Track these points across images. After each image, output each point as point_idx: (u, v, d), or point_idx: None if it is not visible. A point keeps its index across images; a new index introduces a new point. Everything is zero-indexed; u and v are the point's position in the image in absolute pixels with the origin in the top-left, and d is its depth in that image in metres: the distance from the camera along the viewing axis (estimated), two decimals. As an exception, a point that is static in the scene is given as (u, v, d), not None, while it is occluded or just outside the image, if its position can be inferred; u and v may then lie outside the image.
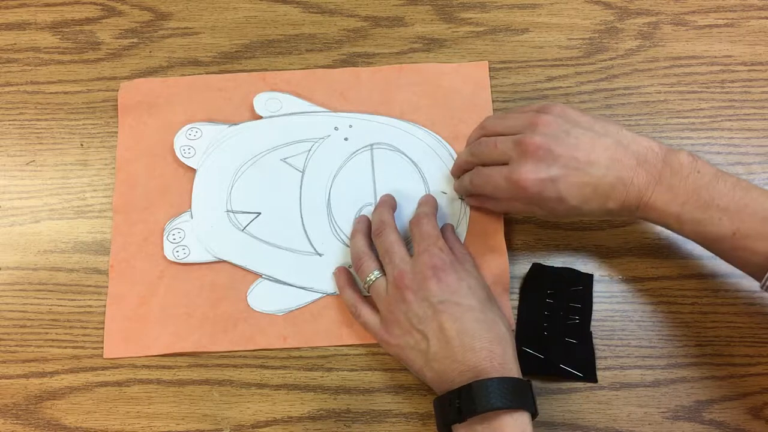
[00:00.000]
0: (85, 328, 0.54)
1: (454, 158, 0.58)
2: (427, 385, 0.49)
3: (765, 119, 0.59)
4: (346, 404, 0.52)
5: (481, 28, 0.62)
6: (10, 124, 0.60)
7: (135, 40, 0.63)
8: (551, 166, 0.47)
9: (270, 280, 0.55)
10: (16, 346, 0.54)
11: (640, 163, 0.46)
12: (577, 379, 0.52)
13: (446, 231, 0.54)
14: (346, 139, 0.59)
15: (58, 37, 0.63)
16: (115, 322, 0.54)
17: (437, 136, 0.59)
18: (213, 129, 0.59)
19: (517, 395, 0.44)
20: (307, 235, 0.56)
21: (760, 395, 0.52)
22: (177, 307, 0.54)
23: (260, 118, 0.59)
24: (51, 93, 0.61)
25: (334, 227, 0.56)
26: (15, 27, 0.63)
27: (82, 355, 0.54)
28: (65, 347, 0.54)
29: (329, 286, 0.55)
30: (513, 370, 0.46)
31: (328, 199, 0.57)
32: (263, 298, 0.55)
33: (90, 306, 0.55)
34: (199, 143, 0.58)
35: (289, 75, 0.61)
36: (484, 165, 0.51)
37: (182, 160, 0.58)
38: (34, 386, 0.53)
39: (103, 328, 0.54)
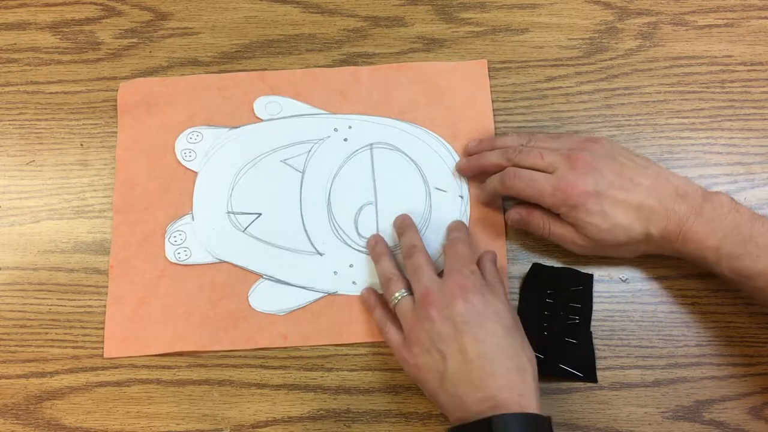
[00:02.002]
0: (85, 328, 0.54)
1: (454, 156, 0.58)
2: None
3: (765, 119, 0.59)
4: (346, 404, 0.52)
5: (481, 28, 0.62)
6: (10, 124, 0.60)
7: (135, 40, 0.63)
8: (598, 181, 0.49)
9: (271, 280, 0.55)
10: (16, 346, 0.54)
11: (681, 195, 0.49)
12: (577, 379, 0.52)
13: (485, 257, 0.53)
14: (345, 139, 0.59)
15: (58, 37, 0.63)
16: (116, 322, 0.54)
17: (436, 135, 0.59)
18: (214, 132, 0.59)
19: None
20: (307, 235, 0.56)
21: (760, 395, 0.52)
22: (177, 306, 0.55)
23: (260, 120, 0.59)
24: (51, 93, 0.61)
25: (334, 226, 0.56)
26: (15, 27, 0.63)
27: (82, 355, 0.54)
28: (65, 347, 0.54)
29: (330, 285, 0.55)
30: (532, 403, 0.44)
31: (329, 199, 0.57)
32: (264, 298, 0.55)
33: (90, 306, 0.55)
34: (200, 147, 0.59)
35: (288, 74, 0.61)
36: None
37: (183, 163, 0.58)
38: (34, 386, 0.53)
39: (103, 328, 0.54)
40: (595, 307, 0.54)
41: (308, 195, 0.57)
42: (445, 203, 0.57)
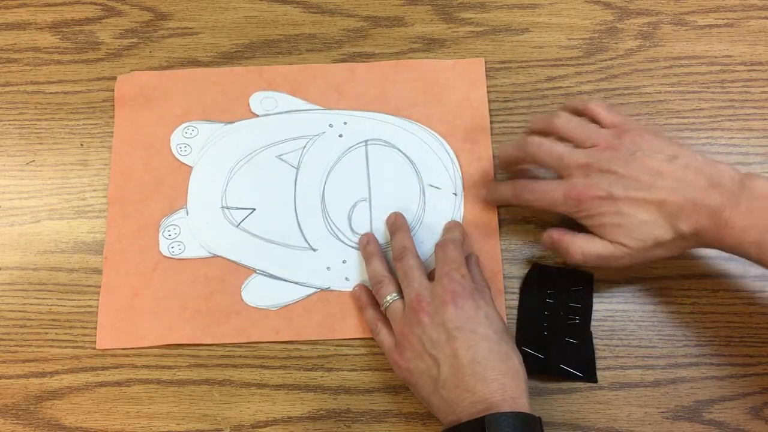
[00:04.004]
0: (85, 328, 0.54)
1: (449, 153, 0.58)
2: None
3: (765, 119, 0.59)
4: (346, 404, 0.52)
5: (481, 28, 0.62)
6: (10, 124, 0.60)
7: (135, 40, 0.63)
8: (612, 184, 0.47)
9: (264, 275, 0.55)
10: (16, 346, 0.54)
11: (713, 185, 0.45)
12: (577, 379, 0.52)
13: (470, 260, 0.53)
14: (340, 135, 0.59)
15: (58, 37, 0.63)
16: (108, 313, 0.54)
17: (432, 132, 0.59)
18: (210, 127, 0.59)
19: (529, 431, 0.43)
20: (301, 231, 0.56)
21: (760, 395, 0.52)
22: (170, 299, 0.55)
23: (256, 115, 0.60)
24: (51, 93, 0.61)
25: (328, 222, 0.56)
26: (15, 27, 0.63)
27: (82, 355, 0.54)
28: (65, 347, 0.54)
29: (323, 281, 0.55)
30: (524, 405, 0.44)
31: (323, 195, 0.57)
32: (257, 293, 0.55)
33: (90, 306, 0.55)
34: (196, 141, 0.59)
35: (285, 69, 0.61)
36: (534, 164, 0.52)
37: (178, 158, 0.58)
38: (34, 386, 0.53)
39: (103, 328, 0.54)
40: (595, 307, 0.54)
41: (302, 191, 0.57)
42: (439, 200, 0.57)
